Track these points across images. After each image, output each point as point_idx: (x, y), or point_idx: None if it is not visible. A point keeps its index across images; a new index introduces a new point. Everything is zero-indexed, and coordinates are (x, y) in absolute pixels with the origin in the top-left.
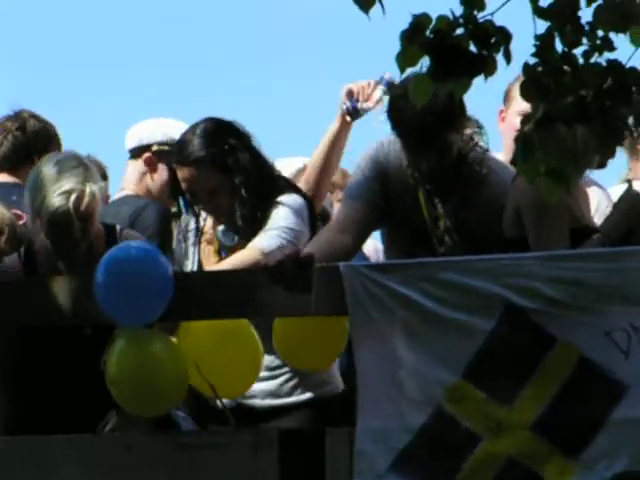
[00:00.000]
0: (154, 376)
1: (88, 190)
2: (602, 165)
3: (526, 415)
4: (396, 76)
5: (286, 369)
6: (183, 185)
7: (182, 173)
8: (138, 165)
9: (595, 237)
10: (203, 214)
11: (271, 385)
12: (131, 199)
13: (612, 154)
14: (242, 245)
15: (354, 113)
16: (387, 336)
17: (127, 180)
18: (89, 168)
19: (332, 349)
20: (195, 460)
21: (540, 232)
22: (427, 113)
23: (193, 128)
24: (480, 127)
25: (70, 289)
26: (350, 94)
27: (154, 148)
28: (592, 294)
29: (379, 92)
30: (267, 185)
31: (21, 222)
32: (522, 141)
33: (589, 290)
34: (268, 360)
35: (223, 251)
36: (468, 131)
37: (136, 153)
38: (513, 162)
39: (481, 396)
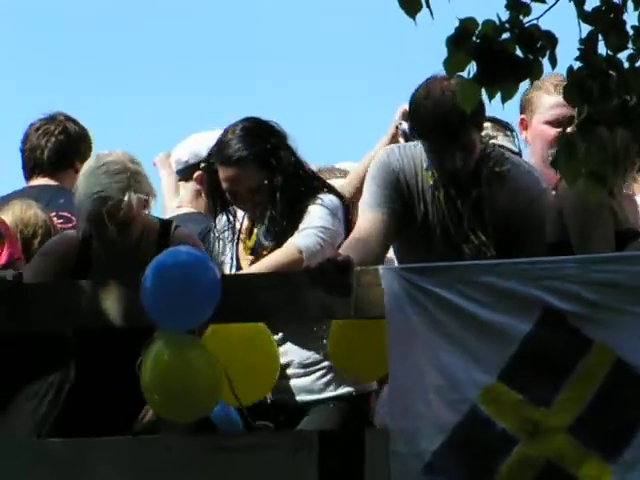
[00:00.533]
0: (188, 382)
1: (127, 199)
2: None
3: (563, 418)
4: None
5: (320, 366)
6: (225, 185)
7: (225, 173)
8: (189, 185)
9: None
10: (239, 213)
11: (305, 381)
12: (195, 216)
13: None
14: (275, 246)
15: (409, 136)
16: (423, 337)
17: (183, 199)
18: (135, 174)
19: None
20: (234, 462)
21: (583, 235)
22: (452, 111)
23: (233, 128)
24: (511, 130)
25: (116, 293)
26: (405, 116)
27: (202, 165)
28: (628, 296)
29: None
30: (304, 185)
31: (70, 225)
32: (564, 143)
33: (625, 292)
34: (302, 357)
35: (258, 248)
36: (487, 131)
37: (186, 174)
38: (553, 164)
39: (517, 398)
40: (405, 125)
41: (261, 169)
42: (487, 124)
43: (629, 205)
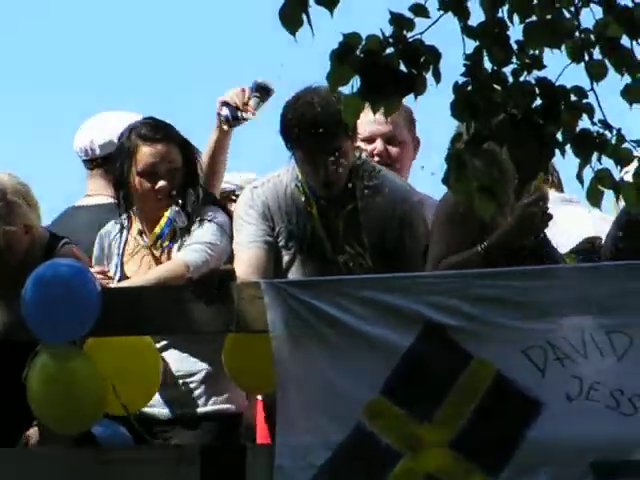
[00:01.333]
0: (74, 393)
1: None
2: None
3: (445, 432)
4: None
5: (195, 378)
6: (145, 165)
7: (151, 149)
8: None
9: (476, 248)
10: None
11: (178, 393)
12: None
13: (544, 170)
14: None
15: (234, 121)
16: (307, 352)
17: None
18: (11, 204)
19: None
20: (116, 475)
21: (432, 238)
22: (322, 113)
23: (145, 119)
24: None
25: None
26: (225, 104)
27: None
28: (509, 311)
29: (253, 100)
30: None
31: None
32: (454, 159)
33: (507, 307)
34: (178, 368)
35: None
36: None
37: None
38: (444, 180)
39: (400, 413)
40: (226, 111)
41: (179, 152)
42: None
43: None
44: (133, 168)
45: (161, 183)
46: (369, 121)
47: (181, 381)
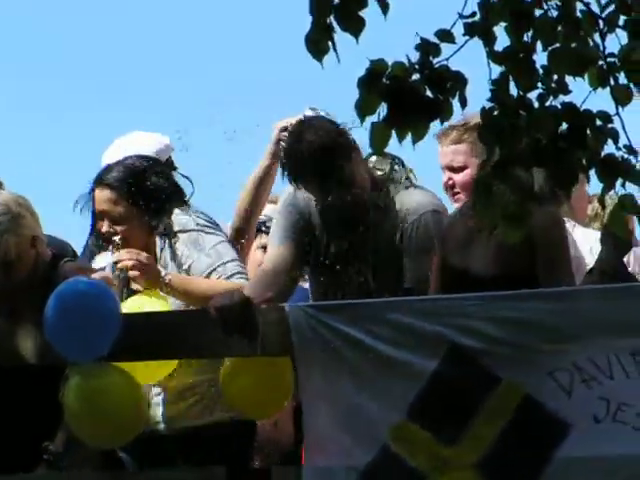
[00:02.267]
0: (109, 409)
1: (4, 242)
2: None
3: (471, 454)
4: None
5: (196, 391)
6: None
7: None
8: None
9: (594, 272)
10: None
11: (180, 408)
12: None
13: (568, 196)
14: None
15: None
16: (333, 375)
17: None
18: (17, 217)
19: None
20: None
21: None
22: (318, 149)
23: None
24: (399, 161)
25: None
26: (285, 130)
27: None
28: (535, 334)
29: None
30: None
31: None
32: (480, 186)
33: (532, 330)
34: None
35: None
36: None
37: None
38: (472, 207)
39: (426, 435)
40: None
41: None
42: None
43: None
44: None
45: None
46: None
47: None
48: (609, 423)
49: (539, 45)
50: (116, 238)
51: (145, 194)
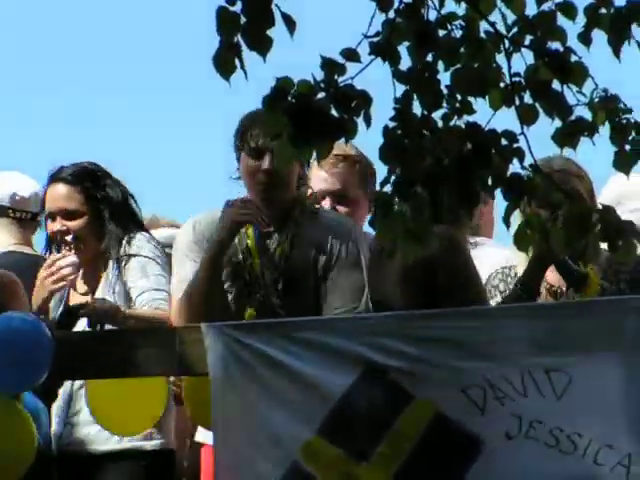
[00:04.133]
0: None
1: None
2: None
3: (383, 471)
4: None
5: None
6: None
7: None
8: None
9: (516, 289)
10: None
11: (95, 430)
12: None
13: (470, 216)
14: None
15: None
16: (245, 394)
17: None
18: None
19: (150, 412)
20: None
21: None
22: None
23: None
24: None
25: None
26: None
27: None
28: (448, 351)
29: None
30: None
31: None
32: (380, 203)
33: (444, 347)
34: None
35: None
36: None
37: None
38: (371, 223)
39: (337, 452)
40: None
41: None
42: None
43: None
44: None
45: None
46: (319, 179)
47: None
48: (521, 439)
49: (443, 65)
50: (68, 237)
51: (99, 194)
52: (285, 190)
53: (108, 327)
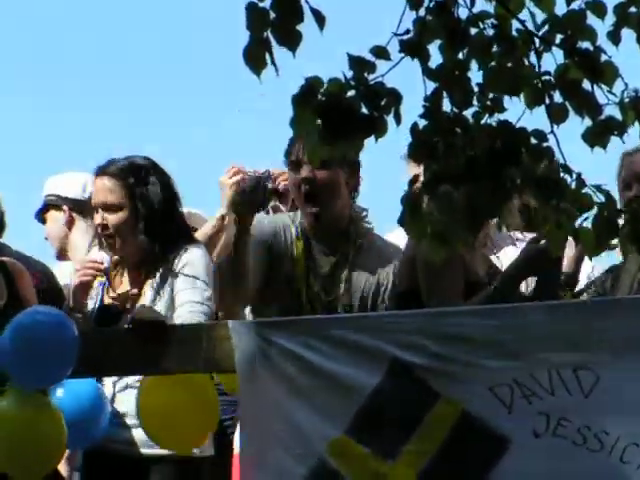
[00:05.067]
0: (31, 440)
1: None
2: (498, 228)
3: (410, 470)
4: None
5: None
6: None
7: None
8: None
9: (489, 288)
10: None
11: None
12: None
13: (501, 214)
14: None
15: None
16: (272, 392)
17: None
18: None
19: (203, 430)
20: None
21: (431, 288)
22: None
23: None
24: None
25: None
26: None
27: None
28: (476, 349)
29: None
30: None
31: None
32: (409, 201)
33: (472, 345)
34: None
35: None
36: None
37: None
38: (400, 221)
39: (364, 451)
40: None
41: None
42: None
43: (482, 260)
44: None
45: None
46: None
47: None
48: (549, 438)
49: (474, 63)
50: (107, 231)
51: (139, 191)
52: (332, 200)
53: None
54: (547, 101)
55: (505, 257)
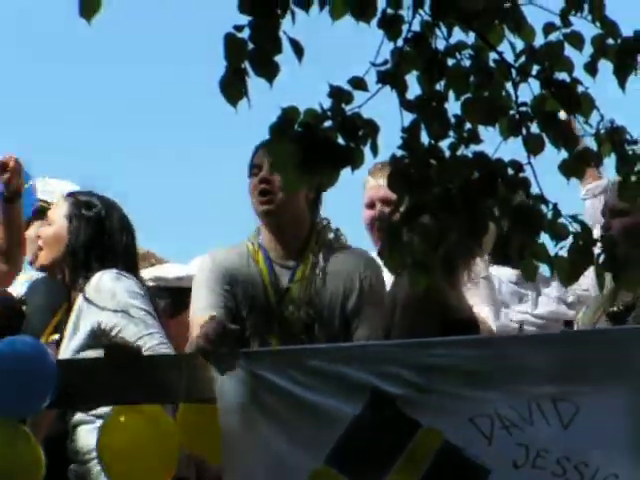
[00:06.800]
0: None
1: None
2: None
3: None
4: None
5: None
6: None
7: None
8: None
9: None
10: None
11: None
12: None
13: (477, 245)
14: None
15: None
16: (254, 422)
17: None
18: None
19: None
20: None
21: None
22: None
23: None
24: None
25: None
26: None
27: None
28: (456, 380)
29: None
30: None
31: None
32: (390, 232)
33: (453, 376)
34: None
35: None
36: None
37: None
38: (380, 253)
39: None
40: None
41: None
42: None
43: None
44: None
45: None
46: (377, 187)
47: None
48: (528, 469)
49: (451, 94)
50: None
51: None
52: (287, 202)
53: (165, 348)
54: (524, 132)
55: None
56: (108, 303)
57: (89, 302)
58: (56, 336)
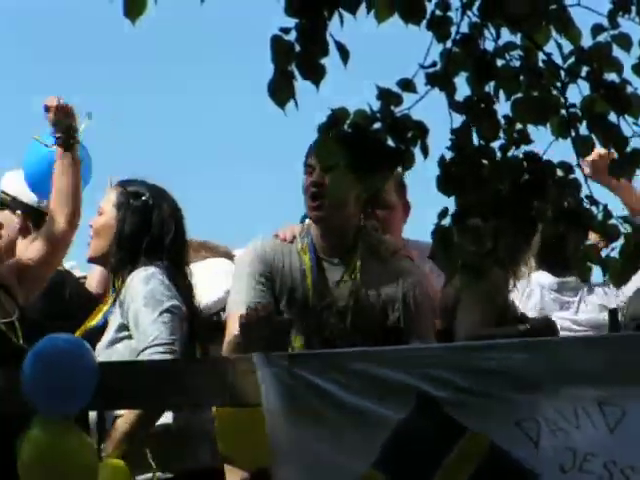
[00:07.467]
0: (63, 470)
1: None
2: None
3: None
4: None
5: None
6: None
7: None
8: None
9: (519, 326)
10: None
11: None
12: None
13: (528, 246)
14: None
15: None
16: (299, 426)
17: None
18: None
19: None
20: None
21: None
22: None
23: None
24: None
25: None
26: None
27: None
28: (502, 384)
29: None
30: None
31: None
32: (439, 236)
33: (499, 380)
34: None
35: None
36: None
37: None
38: (432, 256)
39: None
40: None
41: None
42: None
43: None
44: None
45: None
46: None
47: None
48: (576, 473)
49: (501, 95)
50: None
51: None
52: (337, 207)
53: (159, 357)
54: (572, 133)
55: None
56: (130, 305)
57: (119, 299)
58: (94, 322)
